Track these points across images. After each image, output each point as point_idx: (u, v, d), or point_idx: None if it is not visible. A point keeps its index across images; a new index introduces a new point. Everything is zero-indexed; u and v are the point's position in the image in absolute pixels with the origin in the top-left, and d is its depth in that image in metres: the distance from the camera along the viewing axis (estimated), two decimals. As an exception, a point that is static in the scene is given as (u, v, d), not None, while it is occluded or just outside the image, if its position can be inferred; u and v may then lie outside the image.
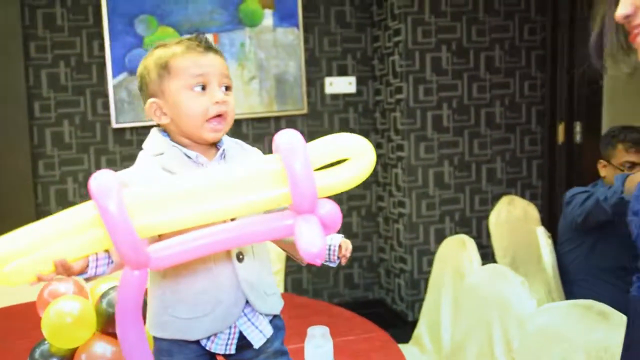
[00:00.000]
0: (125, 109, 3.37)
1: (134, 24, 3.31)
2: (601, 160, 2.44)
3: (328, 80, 3.79)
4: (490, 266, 2.12)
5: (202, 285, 1.05)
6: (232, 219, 0.98)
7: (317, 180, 0.87)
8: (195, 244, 0.92)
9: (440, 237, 3.66)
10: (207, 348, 1.08)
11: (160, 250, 0.91)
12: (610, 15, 1.09)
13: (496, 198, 3.71)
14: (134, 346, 0.94)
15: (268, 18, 3.52)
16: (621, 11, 1.01)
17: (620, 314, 1.53)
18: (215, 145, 1.12)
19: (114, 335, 1.48)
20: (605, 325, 1.54)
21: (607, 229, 2.33)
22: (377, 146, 3.89)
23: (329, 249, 1.11)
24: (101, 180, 0.87)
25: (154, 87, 1.09)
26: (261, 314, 1.09)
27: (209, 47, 1.08)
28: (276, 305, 1.13)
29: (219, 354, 1.10)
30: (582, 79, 3.49)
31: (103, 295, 1.52)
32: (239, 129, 3.65)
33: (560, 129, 3.63)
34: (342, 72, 3.82)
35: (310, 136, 3.61)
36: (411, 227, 3.60)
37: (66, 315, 1.42)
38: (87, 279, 1.00)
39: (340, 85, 3.81)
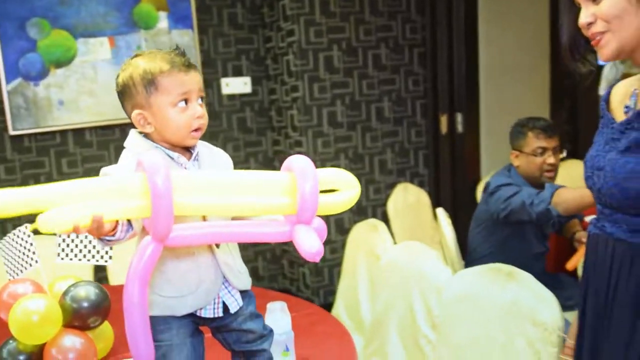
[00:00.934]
0: (22, 115, 3.27)
1: (25, 27, 3.22)
2: (513, 151, 2.61)
3: (224, 80, 3.87)
4: (404, 244, 2.32)
5: (186, 267, 1.14)
6: (233, 218, 1.12)
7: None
8: (206, 231, 1.06)
9: (340, 226, 3.86)
10: (198, 314, 1.18)
11: (178, 230, 1.01)
12: (571, 23, 1.32)
13: (388, 187, 3.97)
14: (139, 311, 1.03)
15: (163, 20, 3.55)
16: (583, 20, 1.23)
17: (525, 272, 1.77)
18: (188, 147, 1.21)
19: (79, 328, 1.54)
20: (514, 283, 1.77)
21: (526, 227, 2.53)
22: (275, 143, 4.03)
23: None
24: (152, 158, 0.98)
25: (141, 99, 1.17)
26: (235, 289, 1.21)
27: (189, 65, 1.18)
28: (247, 282, 1.25)
29: (208, 318, 1.21)
30: (460, 73, 3.81)
31: (66, 292, 1.58)
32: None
33: (443, 120, 3.94)
34: (237, 72, 3.92)
35: (210, 137, 3.68)
36: (313, 219, 3.77)
37: (33, 313, 1.47)
38: (108, 242, 1.08)
39: (236, 85, 3.91)
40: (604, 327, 1.30)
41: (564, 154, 2.55)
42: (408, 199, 3.50)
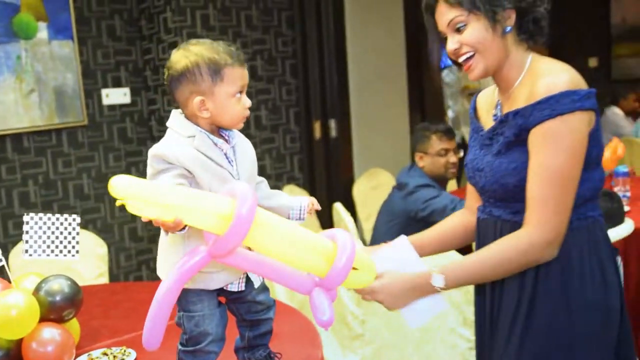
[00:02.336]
0: None
1: None
2: (417, 153, 2.86)
3: (104, 91, 3.89)
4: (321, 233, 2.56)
5: None
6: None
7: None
8: (247, 264, 1.19)
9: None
10: (225, 288, 1.34)
11: (236, 255, 1.15)
12: (439, 50, 1.64)
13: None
14: (167, 303, 1.14)
15: (43, 31, 3.51)
16: (451, 47, 1.48)
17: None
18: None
19: (55, 320, 1.60)
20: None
21: None
22: (156, 153, 4.09)
23: (300, 209, 1.43)
24: (244, 189, 1.08)
25: (205, 86, 1.26)
26: None
27: (243, 60, 1.30)
28: None
29: (232, 291, 1.36)
30: (332, 83, 4.16)
31: (38, 287, 1.62)
32: (19, 144, 3.56)
33: (317, 126, 4.26)
34: (117, 83, 3.95)
35: (90, 147, 3.68)
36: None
37: (11, 308, 1.51)
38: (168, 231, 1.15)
39: (116, 96, 3.93)
40: (498, 295, 1.54)
41: (462, 154, 2.82)
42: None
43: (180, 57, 1.28)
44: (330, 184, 4.30)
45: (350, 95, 4.26)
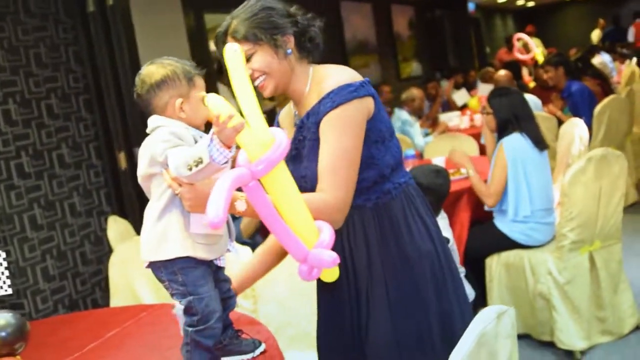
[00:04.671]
0: None
1: None
2: None
3: None
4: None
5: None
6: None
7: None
8: (266, 211, 1.41)
9: (45, 273, 3.89)
10: (216, 263, 1.55)
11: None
12: None
13: (81, 228, 4.15)
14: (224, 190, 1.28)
15: None
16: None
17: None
18: None
19: (8, 355, 1.61)
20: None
21: None
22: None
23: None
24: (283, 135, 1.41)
25: (183, 90, 1.50)
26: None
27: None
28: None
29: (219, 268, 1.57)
30: (134, 113, 4.24)
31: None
32: None
33: (121, 157, 4.30)
34: None
35: None
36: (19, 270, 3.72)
37: None
38: (223, 156, 1.34)
39: None
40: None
41: None
42: (120, 229, 3.78)
43: (157, 69, 1.51)
44: (142, 211, 4.34)
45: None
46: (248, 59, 1.63)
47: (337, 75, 1.65)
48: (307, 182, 1.65)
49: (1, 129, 3.71)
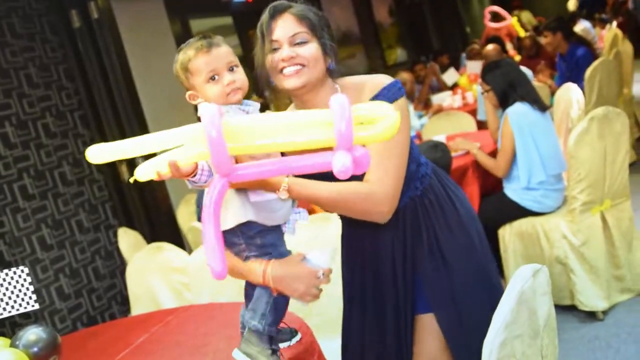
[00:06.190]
0: None
1: None
2: None
3: None
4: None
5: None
6: (282, 154, 1.40)
7: (355, 132, 1.19)
8: (262, 169, 1.26)
9: (60, 292, 3.88)
10: (282, 230, 1.54)
11: (240, 168, 1.23)
12: (262, 57, 1.65)
13: (91, 244, 4.14)
14: (213, 237, 1.20)
15: None
16: (287, 54, 1.56)
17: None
18: None
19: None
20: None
21: None
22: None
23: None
24: (209, 111, 1.14)
25: (187, 83, 1.47)
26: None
27: (210, 45, 1.43)
28: None
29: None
30: (130, 126, 4.23)
31: (14, 343, 1.60)
32: None
33: (124, 169, 4.29)
34: None
35: None
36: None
37: None
38: (194, 184, 1.33)
39: None
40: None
41: None
42: (131, 240, 3.78)
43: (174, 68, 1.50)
44: (150, 220, 4.36)
45: (150, 131, 4.37)
46: (297, 43, 1.57)
47: (376, 76, 1.66)
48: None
49: (0, 152, 3.70)
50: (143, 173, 1.26)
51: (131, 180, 1.29)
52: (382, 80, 1.65)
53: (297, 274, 1.48)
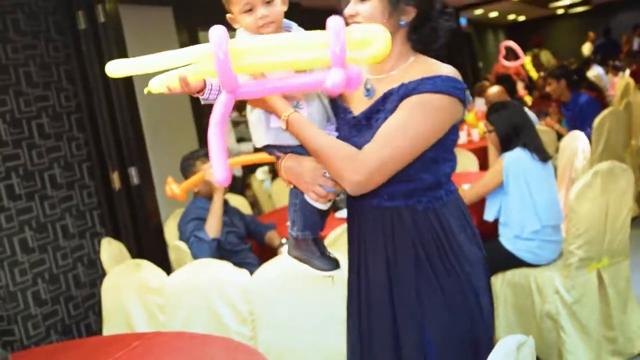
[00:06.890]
0: None
1: None
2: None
3: None
4: (191, 265, 2.63)
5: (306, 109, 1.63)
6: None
7: (349, 53, 1.31)
8: (265, 86, 1.40)
9: (37, 297, 3.77)
10: None
11: (244, 86, 1.37)
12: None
13: (74, 250, 4.04)
14: (219, 146, 1.35)
15: None
16: (347, 12, 1.58)
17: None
18: None
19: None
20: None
21: None
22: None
23: None
24: (217, 33, 1.29)
25: (228, 8, 1.58)
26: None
27: None
28: None
29: None
30: (126, 133, 4.15)
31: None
32: None
33: (115, 177, 4.20)
34: None
35: None
36: (9, 295, 3.60)
37: None
38: (205, 100, 1.49)
39: None
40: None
41: None
42: (114, 251, 3.67)
43: None
44: (137, 232, 4.25)
45: (146, 140, 4.29)
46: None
47: (450, 68, 1.59)
48: None
49: (-10, 149, 3.62)
50: (156, 85, 1.48)
51: (145, 91, 1.50)
52: (444, 70, 1.58)
53: (305, 167, 1.59)
